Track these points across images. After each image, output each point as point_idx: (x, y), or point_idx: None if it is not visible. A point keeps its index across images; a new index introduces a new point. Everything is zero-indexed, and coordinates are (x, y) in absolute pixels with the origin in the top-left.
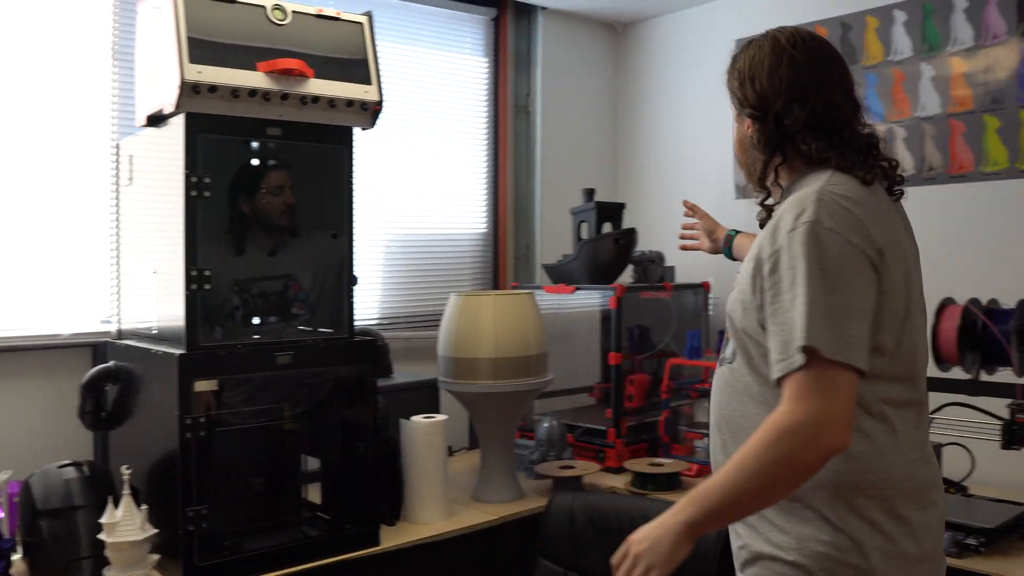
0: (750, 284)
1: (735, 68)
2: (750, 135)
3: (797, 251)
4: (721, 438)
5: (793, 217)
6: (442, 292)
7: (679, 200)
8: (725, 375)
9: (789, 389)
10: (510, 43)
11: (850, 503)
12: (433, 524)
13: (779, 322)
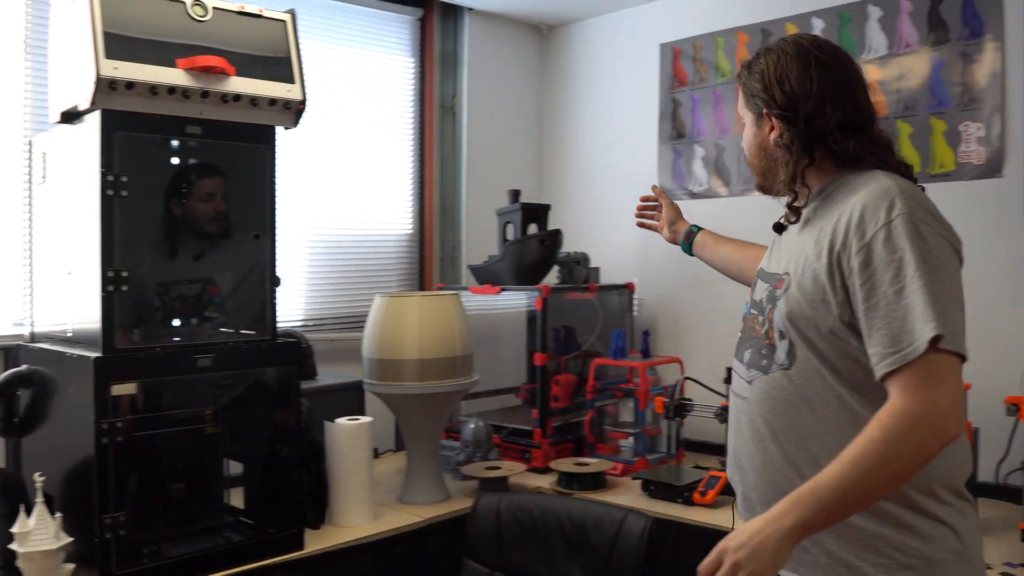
0: (827, 282)
1: (755, 71)
2: (778, 137)
3: (899, 243)
4: (780, 449)
5: (883, 211)
6: (367, 293)
7: (604, 202)
8: (779, 382)
9: (905, 382)
10: (436, 43)
11: (931, 492)
12: (358, 527)
13: (883, 315)
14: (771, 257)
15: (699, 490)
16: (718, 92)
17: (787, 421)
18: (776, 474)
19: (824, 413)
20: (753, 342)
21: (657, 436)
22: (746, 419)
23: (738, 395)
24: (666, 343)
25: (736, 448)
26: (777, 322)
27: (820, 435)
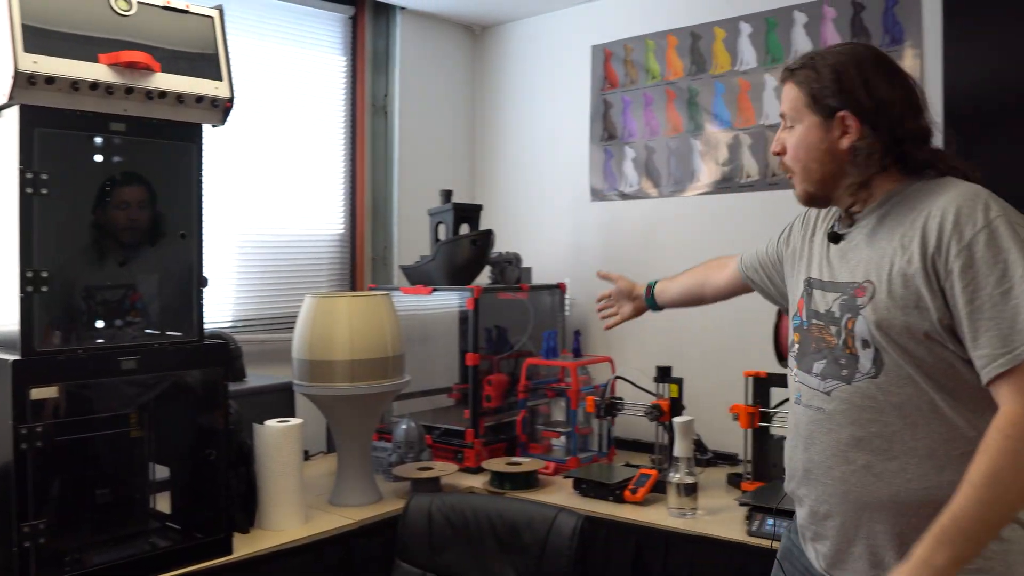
0: (922, 286)
1: (825, 73)
2: (853, 141)
3: (1003, 244)
4: (863, 458)
5: (979, 214)
6: (298, 294)
7: (536, 202)
8: (865, 391)
9: (1020, 381)
10: (368, 42)
11: None
12: (289, 530)
13: (990, 316)
14: (830, 266)
15: (630, 488)
16: (648, 94)
17: (874, 429)
18: (856, 484)
19: (915, 419)
20: (826, 353)
21: (589, 435)
22: (823, 430)
23: (812, 407)
24: (597, 342)
25: (809, 461)
26: (860, 331)
27: (908, 442)
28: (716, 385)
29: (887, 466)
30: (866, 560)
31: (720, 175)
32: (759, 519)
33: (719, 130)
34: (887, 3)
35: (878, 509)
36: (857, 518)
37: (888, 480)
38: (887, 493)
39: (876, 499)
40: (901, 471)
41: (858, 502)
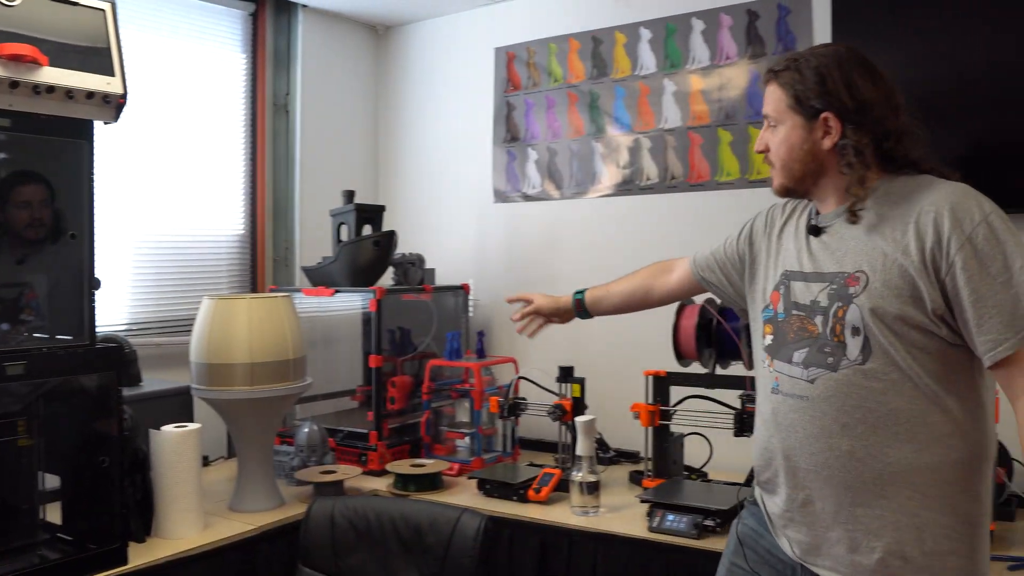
0: (920, 277)
1: (808, 74)
2: (841, 141)
3: (1001, 237)
4: (848, 443)
5: (976, 210)
6: (196, 295)
7: (440, 203)
8: (851, 378)
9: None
10: (269, 40)
11: (985, 473)
12: (187, 538)
13: (993, 304)
14: (812, 258)
15: (534, 487)
16: (551, 97)
17: (859, 415)
18: (839, 469)
19: (898, 405)
20: (809, 342)
21: (493, 435)
22: (806, 417)
23: (793, 395)
24: (501, 343)
25: (789, 448)
26: (852, 318)
27: (891, 427)
28: (617, 384)
29: (870, 451)
30: (844, 545)
31: (621, 178)
32: (660, 515)
33: (620, 133)
34: (780, 12)
35: (860, 492)
36: (838, 503)
37: (870, 465)
38: (869, 477)
39: (859, 483)
40: (882, 455)
41: (841, 486)
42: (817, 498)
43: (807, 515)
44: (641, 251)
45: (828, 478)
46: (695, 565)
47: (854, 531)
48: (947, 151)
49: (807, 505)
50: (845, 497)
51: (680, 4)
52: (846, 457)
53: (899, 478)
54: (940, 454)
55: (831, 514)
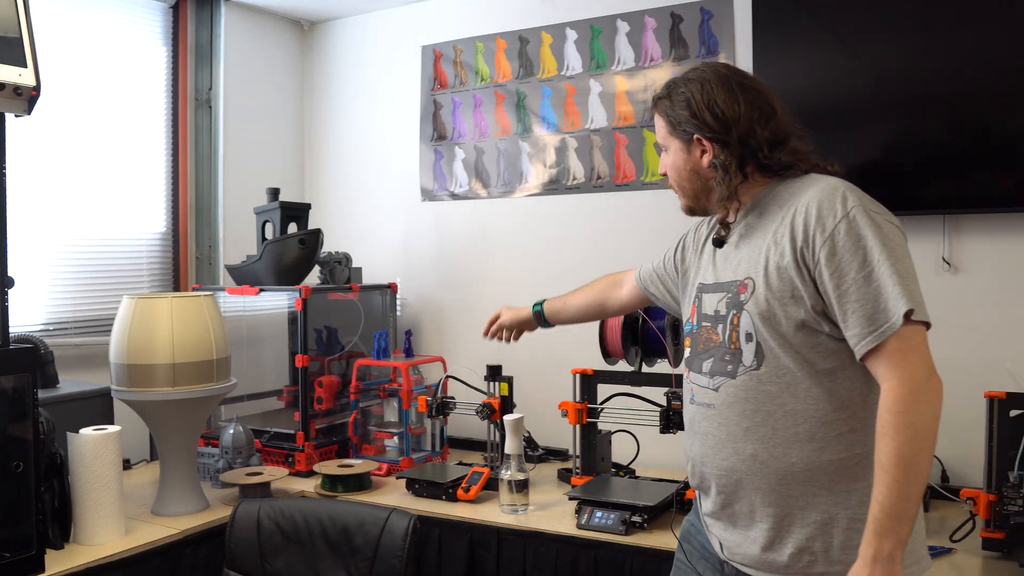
0: (795, 277)
1: (678, 100)
2: (712, 159)
3: (859, 231)
4: (751, 447)
5: (838, 206)
6: (116, 295)
7: (366, 201)
8: (748, 383)
9: (890, 358)
10: (191, 33)
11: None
12: (107, 543)
13: (855, 299)
14: (715, 269)
15: (463, 486)
16: (478, 96)
17: (758, 419)
18: (747, 472)
19: (794, 407)
20: (713, 351)
21: (422, 435)
22: (714, 425)
23: (702, 404)
24: (429, 342)
25: (704, 455)
26: (745, 325)
27: (790, 428)
28: (545, 383)
29: (772, 452)
30: (759, 544)
31: (548, 177)
32: (588, 512)
33: (547, 133)
34: (703, 16)
35: (768, 493)
36: (751, 504)
37: (774, 466)
38: (775, 478)
39: (766, 484)
40: (785, 456)
41: (750, 488)
42: (732, 500)
43: (727, 516)
44: (568, 250)
45: (739, 481)
46: (623, 561)
47: (767, 530)
48: (863, 153)
49: (726, 507)
50: (756, 498)
51: (605, 6)
52: (751, 460)
53: (804, 477)
54: (842, 451)
55: (746, 515)
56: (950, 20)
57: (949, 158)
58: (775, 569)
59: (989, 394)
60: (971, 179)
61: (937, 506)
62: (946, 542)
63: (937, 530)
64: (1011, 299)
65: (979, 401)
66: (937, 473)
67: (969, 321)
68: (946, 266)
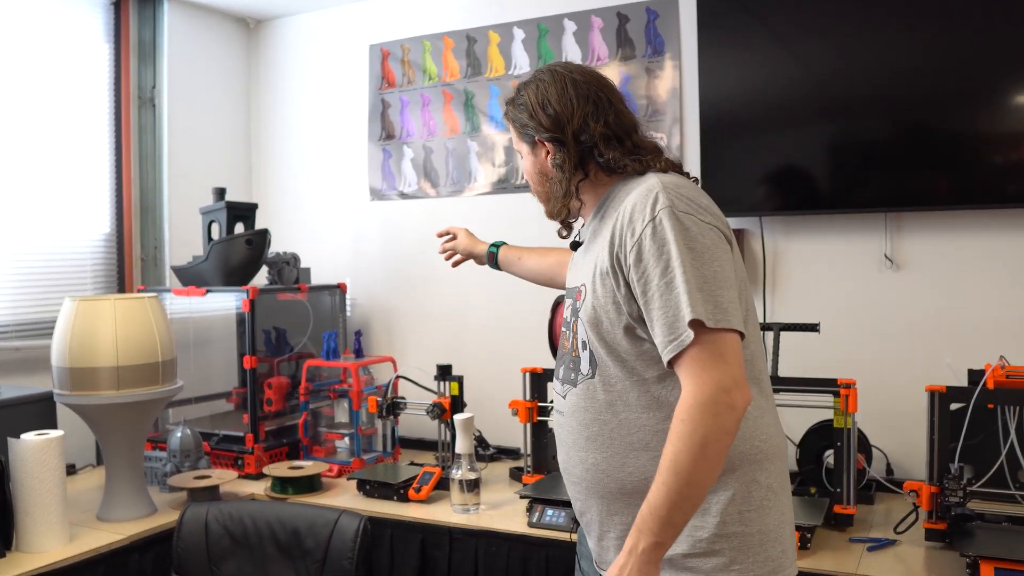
0: (613, 283)
1: (519, 104)
2: (552, 160)
3: (663, 236)
4: (593, 456)
5: (648, 208)
6: (58, 297)
7: (315, 201)
8: (586, 392)
9: (688, 367)
10: (133, 30)
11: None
12: (51, 551)
13: (658, 307)
14: (570, 274)
15: (414, 487)
16: (426, 95)
17: (595, 428)
18: (592, 481)
19: (626, 415)
20: (564, 359)
21: (373, 435)
22: (565, 432)
23: (558, 411)
24: (379, 342)
25: (561, 462)
26: (580, 333)
27: (625, 437)
28: (495, 382)
29: (611, 462)
30: (613, 551)
31: (497, 176)
32: (539, 510)
33: (495, 132)
34: (649, 16)
35: (613, 501)
36: (600, 512)
37: (614, 475)
38: (615, 487)
39: (609, 492)
40: (622, 465)
41: (596, 496)
42: (585, 509)
43: (586, 523)
44: None
45: (587, 489)
46: (574, 559)
47: (617, 538)
48: (805, 152)
49: (583, 515)
50: (602, 506)
51: (552, 5)
52: (593, 469)
53: (642, 485)
54: None
55: (597, 523)
56: (890, 22)
57: (890, 157)
58: None
59: (930, 388)
60: (912, 178)
61: (882, 498)
62: (890, 534)
63: (882, 522)
64: (951, 295)
65: (921, 395)
66: (882, 466)
67: (910, 317)
68: (888, 263)
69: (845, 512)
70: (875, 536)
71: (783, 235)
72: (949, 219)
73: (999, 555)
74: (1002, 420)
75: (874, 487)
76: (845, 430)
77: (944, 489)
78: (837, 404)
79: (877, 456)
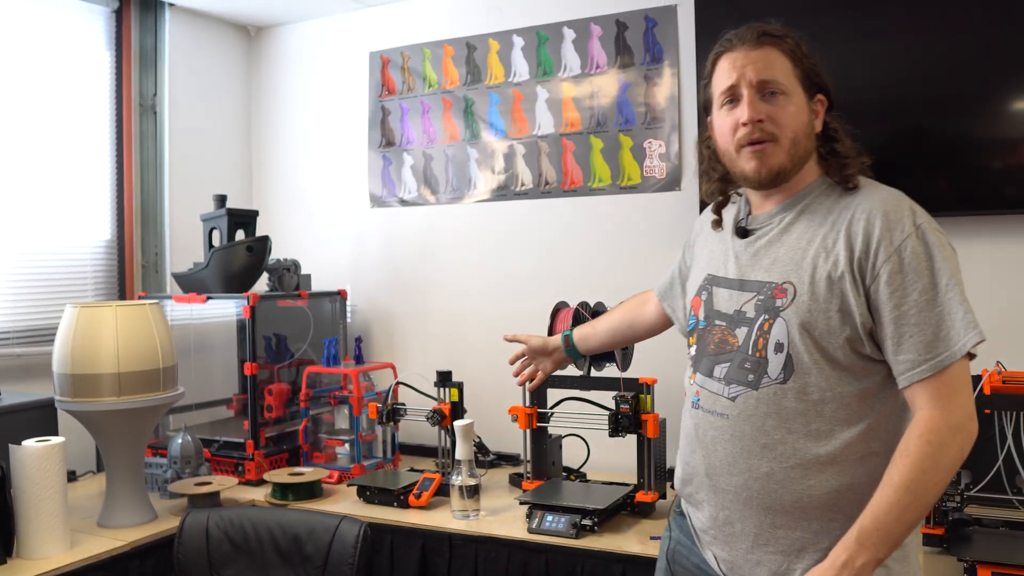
0: (849, 289)
1: (804, 48)
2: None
3: (930, 251)
4: (768, 463)
5: (908, 219)
6: (60, 303)
7: (315, 208)
8: (773, 397)
9: (939, 387)
10: (134, 38)
11: None
12: (52, 557)
13: (915, 323)
14: (738, 263)
15: (414, 493)
16: (426, 102)
17: (778, 436)
18: (759, 491)
19: (819, 427)
20: (731, 356)
21: (373, 442)
22: (726, 436)
23: (712, 412)
24: (379, 349)
25: (710, 467)
26: (777, 333)
27: (812, 449)
28: (495, 388)
29: (790, 474)
30: (767, 568)
31: (496, 183)
32: (539, 516)
33: (495, 139)
34: (647, 24)
35: (780, 515)
36: (758, 525)
37: (791, 488)
38: (789, 500)
39: (779, 506)
40: (803, 478)
41: (760, 508)
42: (737, 519)
43: (728, 535)
44: (518, 256)
45: (747, 500)
46: (574, 564)
47: (775, 554)
48: None
49: (728, 525)
50: (765, 519)
51: (552, 13)
52: (764, 479)
53: (820, 500)
54: (863, 476)
55: (751, 536)
56: (888, 29)
57: (888, 163)
58: None
59: None
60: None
61: None
62: None
63: None
64: None
65: None
66: None
67: None
68: None
69: None
70: None
71: None
72: (948, 224)
73: (996, 560)
74: (999, 425)
75: None
76: None
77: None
78: None
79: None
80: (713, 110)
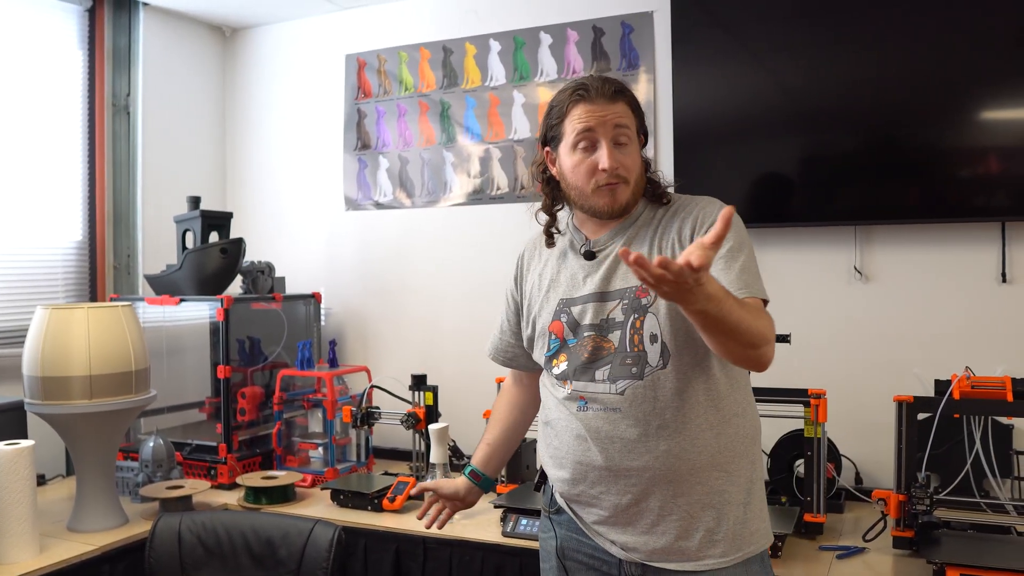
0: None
1: (637, 102)
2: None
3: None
4: (666, 443)
5: (718, 203)
6: (30, 305)
7: (290, 210)
8: (657, 382)
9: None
10: (107, 37)
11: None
12: (21, 562)
13: (737, 270)
14: (595, 280)
15: (388, 496)
16: (402, 105)
17: (669, 415)
18: (661, 468)
19: (697, 399)
20: (609, 358)
21: (347, 445)
22: (622, 427)
23: (606, 409)
24: (354, 352)
25: (609, 459)
26: (650, 327)
27: (695, 420)
28: (470, 391)
29: (684, 446)
30: (671, 535)
31: (472, 187)
32: (513, 519)
33: (471, 143)
34: (624, 30)
35: (680, 483)
36: (663, 498)
37: (686, 457)
38: (686, 469)
39: (678, 476)
40: (692, 447)
41: (663, 482)
42: (642, 498)
43: (632, 515)
44: (493, 260)
45: (651, 478)
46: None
47: (678, 520)
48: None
49: (632, 507)
50: (668, 491)
51: (528, 18)
52: (665, 456)
53: (708, 462)
54: (733, 433)
55: (656, 510)
56: (860, 38)
57: (859, 170)
58: (685, 556)
59: (898, 398)
60: (881, 191)
61: (851, 507)
62: (859, 541)
63: (851, 530)
64: (919, 307)
65: (889, 405)
66: (851, 475)
67: (879, 328)
68: (858, 275)
69: (815, 520)
70: (844, 544)
71: (754, 247)
72: (917, 232)
73: (964, 562)
74: (968, 429)
75: (843, 496)
76: (815, 440)
77: (912, 497)
78: (807, 414)
79: (846, 465)
80: (561, 147)
